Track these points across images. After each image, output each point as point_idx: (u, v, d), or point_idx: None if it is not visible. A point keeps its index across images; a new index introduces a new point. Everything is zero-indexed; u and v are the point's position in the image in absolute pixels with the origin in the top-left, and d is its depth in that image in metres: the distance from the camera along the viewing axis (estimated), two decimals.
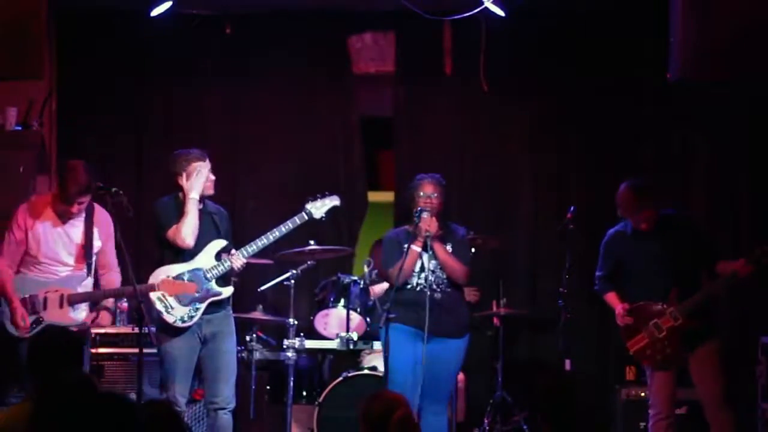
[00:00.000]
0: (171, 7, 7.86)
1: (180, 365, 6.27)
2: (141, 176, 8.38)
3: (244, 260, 6.38)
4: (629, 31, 8.27)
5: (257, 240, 6.38)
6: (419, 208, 6.28)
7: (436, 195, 6.34)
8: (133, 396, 6.17)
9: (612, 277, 6.68)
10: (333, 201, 6.57)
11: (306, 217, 6.51)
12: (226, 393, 6.34)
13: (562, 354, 7.15)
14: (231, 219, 6.63)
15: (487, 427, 7.65)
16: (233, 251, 6.38)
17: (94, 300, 6.25)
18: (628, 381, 7.69)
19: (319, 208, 6.53)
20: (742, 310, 7.78)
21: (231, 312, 6.49)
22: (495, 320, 7.89)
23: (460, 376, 7.59)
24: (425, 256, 6.31)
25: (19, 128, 7.73)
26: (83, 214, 6.24)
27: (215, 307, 6.34)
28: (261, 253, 6.63)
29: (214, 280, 6.31)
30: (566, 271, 7.11)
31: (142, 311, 5.85)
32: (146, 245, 7.30)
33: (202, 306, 6.28)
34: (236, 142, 8.47)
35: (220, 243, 6.39)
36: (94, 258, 6.26)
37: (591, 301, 7.64)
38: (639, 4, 8.06)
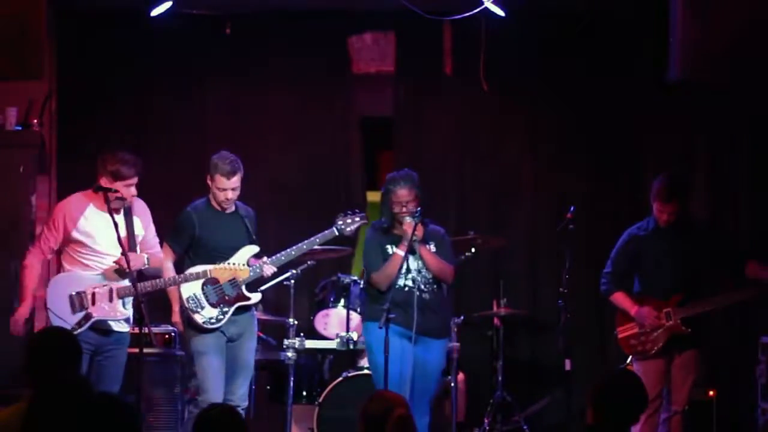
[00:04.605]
0: (171, 7, 7.86)
1: (215, 364, 6.33)
2: (141, 176, 8.35)
3: (275, 269, 6.47)
4: (629, 31, 8.26)
5: (287, 250, 6.46)
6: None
7: (410, 200, 6.31)
8: (132, 396, 6.17)
9: (622, 276, 6.75)
10: (363, 220, 6.59)
11: (336, 233, 6.53)
12: (243, 391, 6.45)
13: (562, 354, 7.14)
14: None
15: (487, 427, 7.65)
16: (265, 258, 6.44)
17: (142, 290, 6.16)
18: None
19: (349, 224, 6.55)
20: (742, 310, 7.78)
21: (255, 314, 6.61)
22: (495, 320, 7.89)
23: (460, 377, 7.59)
24: (410, 258, 6.30)
25: (19, 128, 7.73)
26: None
27: (241, 310, 6.43)
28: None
29: (243, 286, 6.38)
30: (566, 271, 7.11)
31: (142, 311, 5.86)
32: None
33: (230, 309, 6.37)
34: (236, 142, 8.42)
35: (252, 249, 6.46)
36: (138, 249, 6.25)
37: (591, 301, 7.65)
38: (639, 4, 8.06)
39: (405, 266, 6.28)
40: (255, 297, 6.46)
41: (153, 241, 6.41)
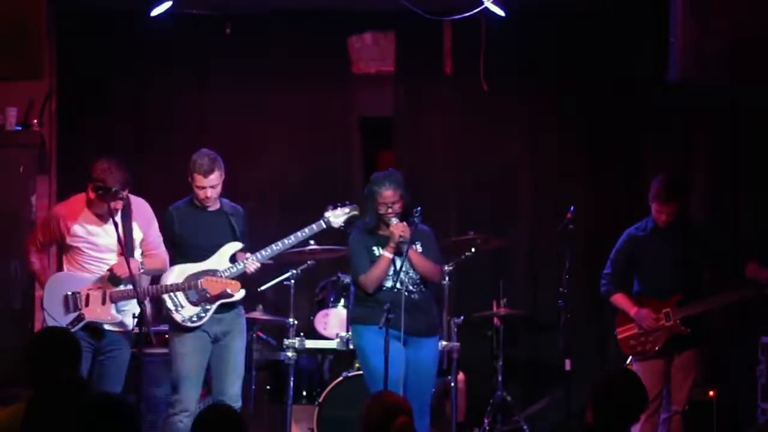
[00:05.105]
0: (171, 7, 7.85)
1: (192, 365, 6.29)
2: (141, 176, 8.36)
3: (258, 264, 6.39)
4: (629, 31, 8.26)
5: (272, 245, 6.39)
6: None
7: (395, 200, 6.25)
8: (132, 396, 6.18)
9: (621, 277, 6.74)
10: (353, 210, 6.53)
11: (324, 226, 6.48)
12: (234, 392, 6.37)
13: (562, 354, 7.14)
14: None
15: (487, 427, 7.65)
16: (248, 255, 6.39)
17: (135, 297, 6.13)
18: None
19: (338, 216, 6.50)
20: (742, 310, 7.78)
21: (242, 312, 6.54)
22: (495, 320, 7.88)
23: (460, 377, 7.59)
24: (396, 259, 6.23)
25: (19, 128, 7.75)
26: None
27: (226, 307, 6.37)
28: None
29: None
30: (566, 271, 7.11)
31: (142, 311, 5.86)
32: None
33: (212, 307, 6.32)
34: (236, 142, 8.46)
35: (235, 245, 6.40)
36: (136, 253, 6.23)
37: (591, 301, 7.65)
38: (639, 4, 8.06)
39: (393, 269, 6.23)
40: (238, 294, 6.36)
41: (156, 242, 6.37)
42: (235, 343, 6.43)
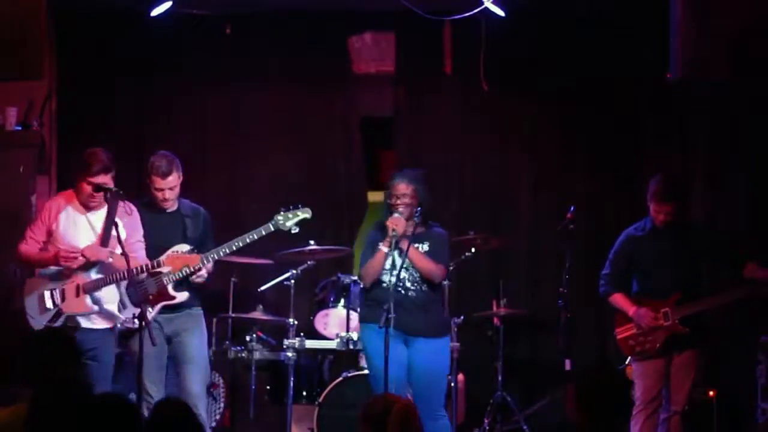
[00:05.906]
0: (171, 7, 7.86)
1: (149, 362, 6.22)
2: (141, 176, 8.36)
3: (205, 266, 6.33)
4: (629, 31, 8.27)
5: (219, 248, 6.30)
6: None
7: (407, 194, 6.19)
8: (132, 396, 6.17)
9: (620, 277, 6.74)
10: (304, 213, 6.42)
11: (272, 228, 6.35)
12: (196, 389, 6.30)
13: (562, 354, 7.15)
14: (224, 218, 6.60)
15: (487, 427, 7.65)
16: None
17: (107, 284, 6.14)
18: (627, 381, 7.69)
19: (289, 219, 6.39)
20: (742, 310, 7.78)
21: (198, 312, 6.46)
22: (495, 320, 7.89)
23: (460, 377, 7.60)
24: (396, 255, 6.18)
25: (19, 128, 7.76)
26: (105, 205, 6.19)
27: (174, 309, 6.34)
28: (260, 254, 6.61)
29: (170, 284, 6.29)
30: (566, 271, 7.11)
31: (143, 310, 5.85)
32: None
33: (154, 309, 6.29)
34: (236, 142, 8.48)
35: (181, 248, 6.34)
36: (115, 249, 6.16)
37: (591, 301, 7.65)
38: (639, 5, 8.06)
39: (390, 262, 6.18)
40: (181, 296, 6.31)
41: (134, 246, 6.26)
42: (190, 339, 6.38)
